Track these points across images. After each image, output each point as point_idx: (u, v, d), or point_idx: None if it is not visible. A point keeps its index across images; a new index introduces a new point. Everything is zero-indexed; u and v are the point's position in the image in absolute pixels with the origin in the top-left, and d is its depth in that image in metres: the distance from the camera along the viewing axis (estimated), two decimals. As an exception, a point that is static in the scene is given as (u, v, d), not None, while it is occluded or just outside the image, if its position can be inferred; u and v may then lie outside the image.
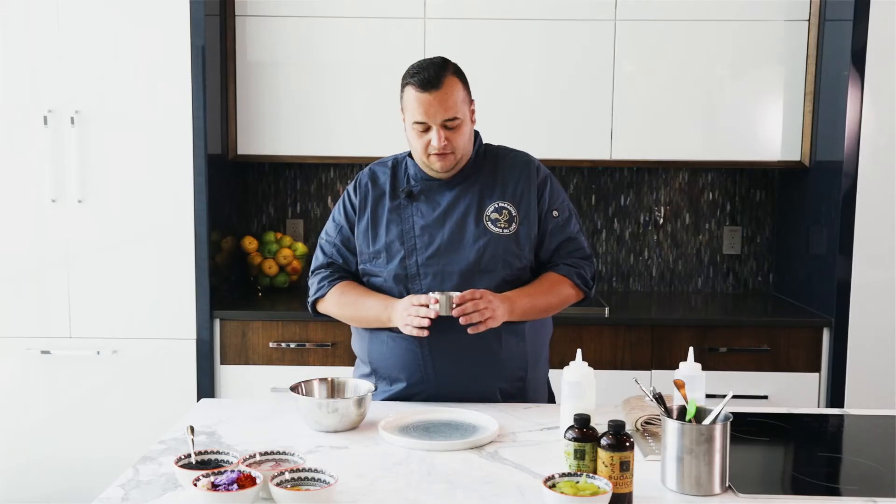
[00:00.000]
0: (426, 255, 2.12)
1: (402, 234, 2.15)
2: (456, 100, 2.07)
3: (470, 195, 2.16)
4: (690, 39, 3.33)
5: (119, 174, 3.15)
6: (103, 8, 3.10)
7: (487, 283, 2.11)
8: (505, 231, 2.13)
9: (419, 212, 2.16)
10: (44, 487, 3.21)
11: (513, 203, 2.16)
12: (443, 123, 2.06)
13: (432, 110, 2.05)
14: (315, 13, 3.32)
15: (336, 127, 3.37)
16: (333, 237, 2.25)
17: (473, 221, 2.14)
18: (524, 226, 2.15)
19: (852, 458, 1.89)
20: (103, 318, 3.19)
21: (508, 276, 2.13)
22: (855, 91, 3.06)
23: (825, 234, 3.23)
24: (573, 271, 2.20)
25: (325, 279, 2.23)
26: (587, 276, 2.22)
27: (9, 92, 3.12)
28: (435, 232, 2.14)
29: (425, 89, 2.05)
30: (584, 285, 2.21)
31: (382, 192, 2.20)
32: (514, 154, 2.25)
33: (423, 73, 2.06)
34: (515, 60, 3.34)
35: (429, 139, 2.08)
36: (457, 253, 2.12)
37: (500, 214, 2.15)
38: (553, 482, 1.51)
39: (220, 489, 1.47)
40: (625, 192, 3.72)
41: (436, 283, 2.11)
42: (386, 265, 2.15)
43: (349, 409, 1.92)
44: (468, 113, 2.13)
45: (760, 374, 3.17)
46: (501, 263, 2.12)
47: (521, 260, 2.15)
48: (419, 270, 2.13)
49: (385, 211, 2.18)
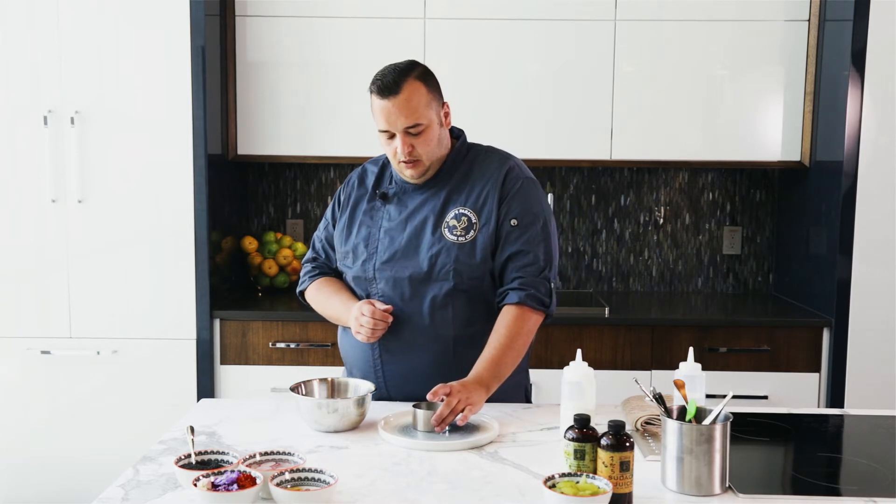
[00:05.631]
0: (383, 259, 2.11)
1: (369, 237, 2.14)
2: (417, 105, 2.00)
3: (434, 200, 2.11)
4: (690, 39, 3.33)
5: (119, 174, 3.15)
6: (103, 8, 3.10)
7: (437, 290, 2.07)
8: (460, 239, 2.07)
9: (388, 215, 2.14)
10: (44, 487, 3.21)
11: (474, 210, 2.08)
12: (405, 130, 2.00)
13: (392, 117, 2.00)
14: (315, 13, 3.32)
15: (336, 127, 3.37)
16: (321, 233, 2.29)
17: (431, 228, 2.09)
18: (483, 233, 2.07)
19: (852, 458, 1.89)
20: (103, 318, 3.19)
21: (461, 284, 2.07)
22: (855, 91, 3.06)
23: (825, 234, 3.23)
24: (525, 294, 2.04)
25: (307, 273, 2.29)
26: (541, 295, 2.06)
27: (9, 92, 3.12)
28: (395, 236, 2.11)
29: (383, 96, 2.00)
30: (541, 306, 2.06)
31: (365, 192, 2.19)
32: (492, 157, 2.15)
33: (383, 80, 2.00)
34: (515, 60, 3.34)
35: (395, 147, 2.03)
36: (410, 259, 2.09)
37: (458, 221, 2.08)
38: (553, 482, 1.51)
39: (220, 489, 1.47)
40: (625, 192, 3.72)
41: (388, 287, 2.10)
42: (351, 266, 2.16)
43: (349, 409, 1.92)
44: (436, 117, 2.04)
45: (760, 374, 3.17)
46: (453, 273, 2.06)
47: (475, 269, 2.07)
48: (375, 275, 2.12)
49: (361, 212, 2.18)
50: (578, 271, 3.75)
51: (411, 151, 2.03)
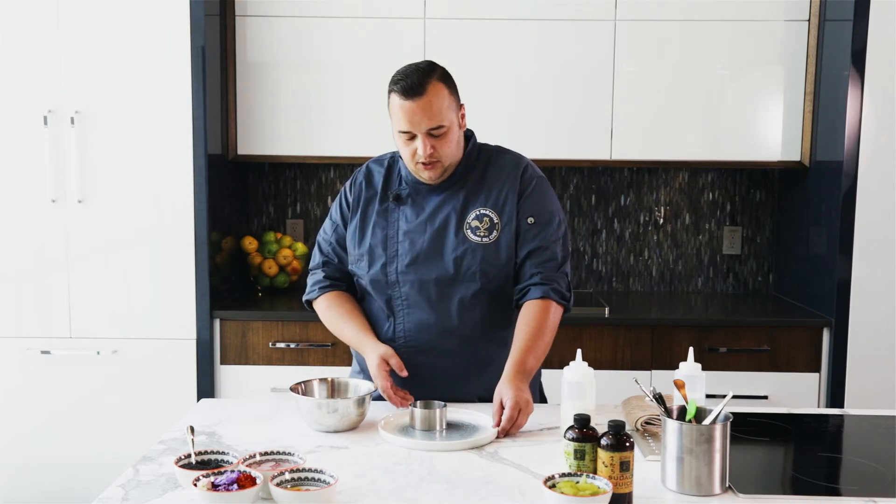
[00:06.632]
0: (406, 262, 2.09)
1: (386, 239, 2.12)
2: (441, 107, 2.00)
3: (454, 201, 2.11)
4: (690, 39, 3.33)
5: (119, 174, 3.15)
6: (103, 8, 3.10)
7: (464, 292, 2.08)
8: (485, 239, 2.08)
9: (404, 216, 2.12)
10: (44, 487, 3.21)
11: (495, 209, 2.09)
12: (428, 132, 2.00)
13: (416, 118, 1.99)
14: (315, 13, 3.32)
15: (336, 127, 3.37)
16: (330, 235, 2.23)
17: (454, 229, 2.09)
18: (505, 233, 2.09)
19: (852, 458, 1.89)
20: (103, 318, 3.19)
21: (487, 285, 2.09)
22: (855, 91, 3.06)
23: (825, 234, 3.23)
24: (549, 289, 2.07)
25: (317, 283, 2.23)
26: (562, 290, 2.10)
27: (9, 92, 3.13)
28: (416, 239, 2.10)
29: (408, 97, 1.98)
30: (561, 299, 2.10)
31: (374, 193, 2.16)
32: (505, 157, 2.17)
33: (406, 80, 1.98)
34: (515, 60, 3.34)
35: (415, 148, 2.02)
36: (435, 262, 2.09)
37: (480, 222, 2.09)
38: (553, 482, 1.51)
39: (220, 489, 1.47)
40: (625, 192, 3.72)
41: (413, 291, 2.10)
42: (368, 269, 2.13)
43: (349, 409, 1.92)
44: (455, 119, 2.05)
45: (760, 374, 3.17)
46: (479, 273, 2.08)
47: (500, 269, 2.09)
48: (398, 278, 2.10)
49: (373, 213, 2.15)
50: (578, 271, 3.75)
51: (432, 153, 2.02)
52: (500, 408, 1.92)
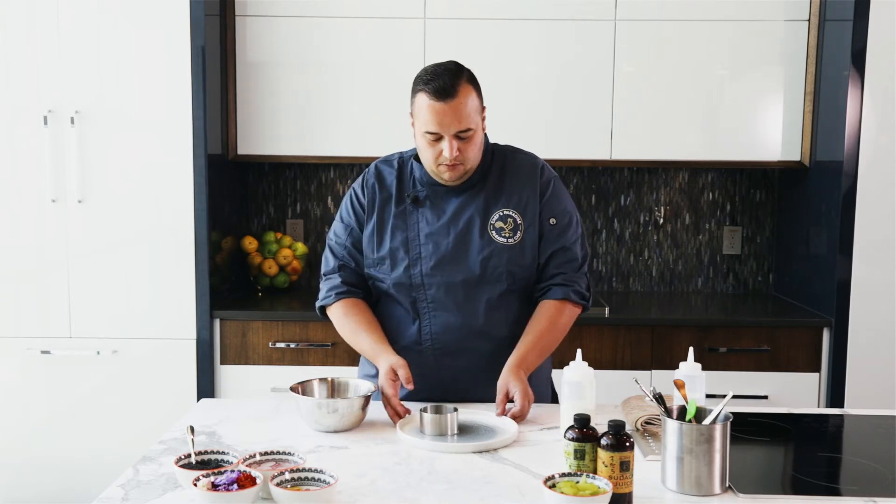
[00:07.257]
0: (430, 265, 2.09)
1: (408, 242, 2.10)
2: (470, 110, 1.99)
3: (475, 202, 2.10)
4: (690, 39, 3.33)
5: (119, 174, 3.15)
6: (103, 8, 3.10)
7: (491, 293, 2.09)
8: (510, 240, 2.09)
9: (424, 218, 2.11)
10: (44, 487, 3.21)
11: (518, 210, 2.10)
12: (455, 134, 1.99)
13: (447, 121, 1.97)
14: (315, 13, 3.32)
15: (336, 127, 3.37)
16: (343, 238, 2.18)
17: (478, 231, 2.09)
18: (529, 233, 2.10)
19: (852, 458, 1.89)
20: (103, 318, 3.19)
21: (513, 285, 2.11)
22: (855, 91, 3.06)
23: (825, 234, 3.23)
24: (570, 290, 2.12)
25: (333, 289, 2.18)
26: (582, 290, 2.15)
27: (9, 92, 3.13)
28: (440, 241, 2.09)
29: (440, 98, 1.96)
30: (581, 300, 2.15)
31: (389, 196, 2.14)
32: (521, 157, 2.17)
33: (438, 81, 1.96)
34: (515, 60, 3.34)
35: (440, 149, 2.01)
36: (461, 263, 2.08)
37: (504, 223, 2.09)
38: (553, 482, 1.51)
39: (220, 489, 1.47)
40: (625, 192, 3.72)
41: (440, 293, 2.09)
42: (390, 272, 2.11)
43: (349, 409, 1.92)
44: (480, 121, 2.04)
45: (760, 374, 3.17)
46: (506, 274, 2.09)
47: (526, 269, 2.11)
48: (423, 280, 2.09)
49: (390, 216, 2.12)
50: (578, 271, 3.74)
51: (458, 156, 2.01)
52: (504, 397, 1.98)
